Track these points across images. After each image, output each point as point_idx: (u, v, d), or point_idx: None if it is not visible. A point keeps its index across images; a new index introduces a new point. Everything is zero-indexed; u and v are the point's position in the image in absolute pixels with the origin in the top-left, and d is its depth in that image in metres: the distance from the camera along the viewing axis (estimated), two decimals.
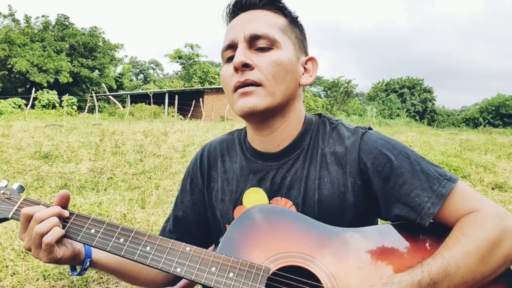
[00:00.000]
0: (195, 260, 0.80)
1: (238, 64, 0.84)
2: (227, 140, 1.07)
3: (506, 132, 20.92)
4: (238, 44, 0.86)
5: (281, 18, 0.90)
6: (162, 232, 1.10)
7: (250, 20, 0.88)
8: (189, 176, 1.08)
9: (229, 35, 0.90)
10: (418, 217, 0.81)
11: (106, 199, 4.26)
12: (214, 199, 1.02)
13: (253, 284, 0.76)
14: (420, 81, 39.59)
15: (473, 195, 0.82)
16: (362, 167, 0.87)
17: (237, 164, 1.00)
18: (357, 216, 0.88)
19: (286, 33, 0.89)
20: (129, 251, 0.83)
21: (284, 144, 0.94)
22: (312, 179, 0.90)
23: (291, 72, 0.88)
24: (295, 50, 0.90)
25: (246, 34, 0.86)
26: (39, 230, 0.82)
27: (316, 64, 0.95)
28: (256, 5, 0.90)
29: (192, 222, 1.05)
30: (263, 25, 0.86)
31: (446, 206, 0.80)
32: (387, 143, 0.88)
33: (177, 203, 1.09)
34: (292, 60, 0.88)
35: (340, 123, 0.96)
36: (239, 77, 0.86)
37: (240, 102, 0.86)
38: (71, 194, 4.45)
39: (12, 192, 0.95)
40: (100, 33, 30.52)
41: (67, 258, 0.87)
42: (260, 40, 0.86)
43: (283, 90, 0.87)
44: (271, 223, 0.83)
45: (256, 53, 0.86)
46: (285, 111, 0.91)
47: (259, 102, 0.85)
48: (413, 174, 0.83)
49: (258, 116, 0.88)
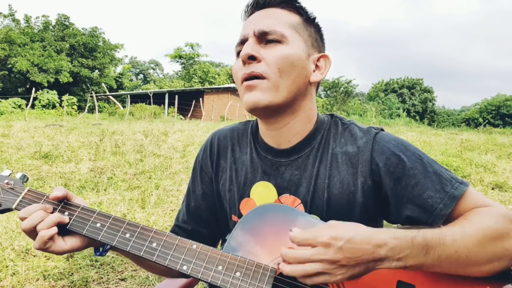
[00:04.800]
0: (201, 258, 0.80)
1: (244, 56, 0.86)
2: (238, 129, 1.07)
3: (506, 132, 20.93)
4: (248, 38, 0.89)
5: (295, 16, 0.92)
6: (176, 221, 1.10)
7: (262, 17, 0.90)
8: (199, 165, 1.08)
9: (242, 31, 0.92)
10: (430, 219, 0.81)
11: (106, 199, 4.26)
12: (221, 188, 1.03)
13: (260, 285, 0.76)
14: (420, 81, 39.61)
15: (484, 199, 0.83)
16: (374, 167, 0.87)
17: (247, 156, 1.00)
18: (366, 217, 0.88)
19: (298, 30, 0.90)
20: (135, 246, 0.83)
21: (295, 141, 0.94)
22: (321, 178, 0.90)
23: (299, 67, 0.88)
24: (306, 47, 0.91)
25: (256, 30, 0.88)
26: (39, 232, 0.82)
27: (328, 61, 0.96)
28: (271, 4, 0.92)
29: (205, 211, 1.06)
30: (273, 22, 0.88)
31: (458, 208, 0.80)
32: (400, 144, 0.88)
33: (188, 192, 1.09)
34: (300, 56, 0.88)
35: (352, 123, 0.97)
36: (246, 69, 0.87)
37: (245, 96, 0.88)
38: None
39: (16, 182, 0.92)
40: (100, 33, 30.54)
41: (80, 247, 0.88)
42: (268, 36, 0.87)
43: (288, 85, 0.87)
44: (279, 223, 0.83)
45: (264, 47, 0.88)
46: (294, 107, 0.91)
47: (262, 97, 0.86)
48: (425, 175, 0.83)
49: (263, 111, 0.89)
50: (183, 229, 1.07)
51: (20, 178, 0.94)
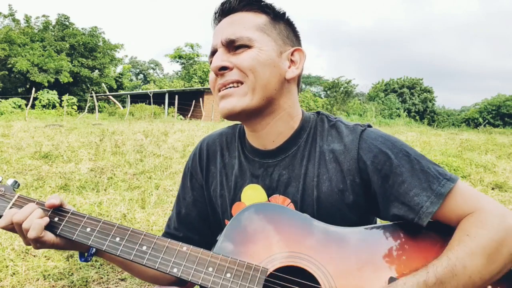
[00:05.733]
0: (192, 260, 0.80)
1: (215, 69, 0.88)
2: (227, 133, 1.07)
3: (506, 132, 20.92)
4: (218, 49, 0.90)
5: (261, 16, 0.92)
6: (167, 229, 1.10)
7: (228, 25, 0.90)
8: (189, 172, 1.08)
9: (212, 42, 0.93)
10: (416, 217, 0.80)
11: (106, 199, 4.26)
12: (213, 194, 1.03)
13: (250, 286, 0.76)
14: (420, 81, 39.58)
15: (474, 193, 0.82)
16: (361, 165, 0.87)
17: (236, 160, 1.00)
18: (357, 215, 0.88)
19: (265, 31, 0.90)
20: (125, 250, 0.82)
21: (280, 141, 0.94)
22: (310, 176, 0.90)
23: (271, 66, 0.88)
24: (277, 45, 0.91)
25: (223, 39, 0.89)
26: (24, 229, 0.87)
27: (303, 54, 0.95)
28: (236, 9, 0.92)
29: (195, 217, 1.06)
30: (238, 28, 0.89)
31: (446, 205, 0.80)
32: (387, 141, 0.87)
33: (179, 200, 1.09)
34: (271, 56, 0.88)
35: (338, 120, 0.96)
36: (220, 80, 0.89)
37: (220, 104, 0.89)
38: (71, 194, 4.45)
39: (6, 188, 0.93)
40: (100, 33, 30.53)
41: (63, 246, 0.90)
42: (236, 43, 0.88)
43: (263, 85, 0.87)
44: (269, 222, 0.83)
45: (234, 54, 0.88)
46: (272, 107, 0.91)
47: (237, 103, 0.87)
48: (412, 173, 0.82)
49: (239, 116, 0.90)
50: (174, 236, 1.06)
51: (11, 185, 0.95)
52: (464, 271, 0.71)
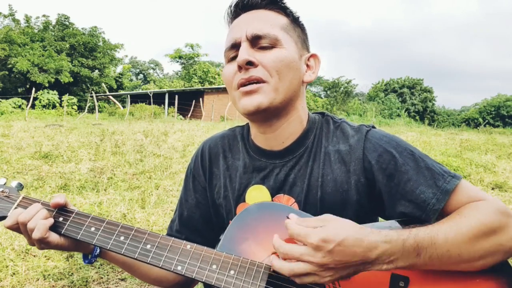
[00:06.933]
0: (196, 258, 0.80)
1: (242, 62, 0.85)
2: (228, 136, 1.07)
3: (506, 132, 20.93)
4: (241, 43, 0.87)
5: (283, 17, 0.91)
6: (169, 231, 1.10)
7: (252, 20, 0.89)
8: (191, 174, 1.08)
9: (231, 35, 0.91)
10: (423, 214, 0.81)
11: (106, 199, 4.26)
12: (216, 196, 1.03)
13: (254, 282, 0.76)
14: (420, 81, 39.61)
15: (478, 191, 0.83)
16: (366, 165, 0.87)
17: (240, 161, 1.00)
18: (360, 215, 0.88)
19: (288, 32, 0.90)
20: (129, 249, 0.83)
21: (288, 142, 0.94)
22: (315, 176, 0.90)
23: (294, 69, 0.88)
24: (297, 48, 0.91)
25: (248, 34, 0.87)
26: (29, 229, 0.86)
27: (318, 60, 0.96)
28: (258, 5, 0.91)
29: (198, 220, 1.06)
30: (265, 25, 0.87)
31: (451, 202, 0.81)
32: (391, 141, 0.88)
33: (181, 202, 1.09)
34: (294, 58, 0.89)
35: (343, 121, 0.97)
36: (243, 75, 0.86)
37: (244, 100, 0.87)
38: (71, 194, 4.45)
39: (11, 190, 0.95)
40: (100, 33, 30.53)
41: (67, 247, 0.90)
42: (262, 40, 0.87)
43: (286, 87, 0.87)
44: (272, 220, 0.83)
45: (259, 51, 0.87)
46: (288, 108, 0.92)
47: (263, 100, 0.86)
48: (417, 171, 0.83)
49: (263, 114, 0.89)
50: (176, 238, 1.07)
51: (16, 187, 0.97)
52: (444, 243, 0.72)
